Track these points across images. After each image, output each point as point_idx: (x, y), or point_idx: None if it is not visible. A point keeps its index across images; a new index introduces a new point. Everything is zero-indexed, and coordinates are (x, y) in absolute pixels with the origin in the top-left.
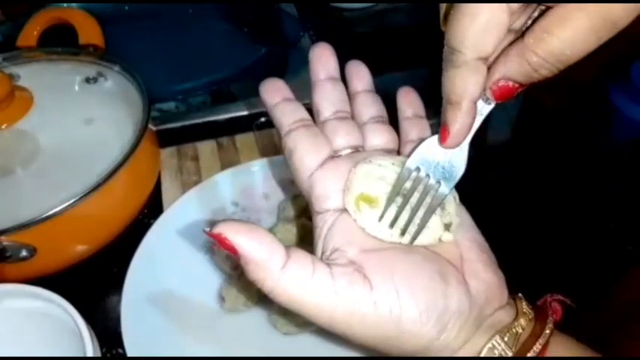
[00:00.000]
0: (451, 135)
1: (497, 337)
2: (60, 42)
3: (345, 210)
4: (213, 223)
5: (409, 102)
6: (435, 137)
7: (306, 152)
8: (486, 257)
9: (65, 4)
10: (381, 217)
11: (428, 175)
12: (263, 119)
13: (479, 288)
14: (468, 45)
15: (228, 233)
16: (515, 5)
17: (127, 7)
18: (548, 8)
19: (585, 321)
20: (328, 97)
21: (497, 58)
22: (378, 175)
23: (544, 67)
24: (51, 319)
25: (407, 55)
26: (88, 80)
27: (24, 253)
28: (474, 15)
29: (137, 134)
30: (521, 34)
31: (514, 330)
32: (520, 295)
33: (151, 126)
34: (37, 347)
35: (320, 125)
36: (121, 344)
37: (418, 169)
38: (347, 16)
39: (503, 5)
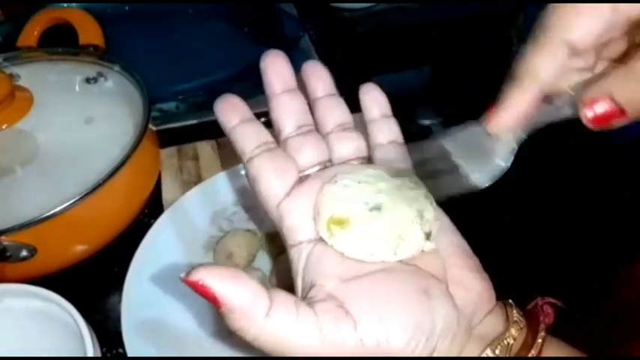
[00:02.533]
0: (498, 115)
1: (489, 350)
2: (60, 42)
3: (318, 240)
4: (190, 269)
5: (373, 100)
6: (479, 125)
7: (271, 180)
8: (470, 262)
9: (65, 4)
10: (356, 236)
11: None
12: (263, 119)
13: (465, 297)
14: (556, 23)
15: (208, 281)
16: (635, 14)
17: (127, 7)
18: None
19: (581, 322)
20: (287, 112)
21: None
22: (346, 195)
23: None
24: (51, 319)
25: (407, 55)
26: (88, 80)
27: (24, 253)
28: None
29: (137, 134)
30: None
31: (505, 342)
32: (510, 301)
33: (151, 126)
34: (37, 347)
35: (282, 143)
36: (121, 344)
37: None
38: (347, 16)
39: (624, 12)
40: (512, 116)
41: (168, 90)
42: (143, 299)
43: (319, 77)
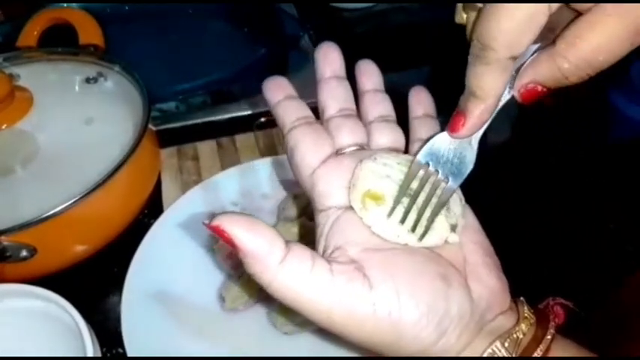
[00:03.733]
0: (466, 126)
1: (498, 343)
2: (60, 42)
3: (347, 208)
4: (213, 216)
5: (419, 101)
6: (445, 133)
7: (307, 149)
8: (490, 261)
9: (65, 4)
10: (390, 214)
11: (437, 171)
12: (263, 119)
13: (481, 293)
14: (502, 43)
15: (226, 226)
16: (554, 6)
17: (127, 7)
18: (579, 14)
19: (586, 322)
20: (333, 95)
21: (526, 61)
22: (384, 174)
23: (575, 74)
24: (51, 319)
25: (406, 55)
26: (88, 80)
27: (24, 253)
28: (511, 12)
29: (137, 134)
30: (552, 40)
31: (515, 335)
32: (522, 298)
33: (151, 126)
34: (38, 347)
35: (325, 123)
36: (121, 344)
37: (427, 164)
38: (347, 16)
39: (545, 5)
40: (477, 127)
41: (168, 90)
42: (143, 299)
43: (371, 74)
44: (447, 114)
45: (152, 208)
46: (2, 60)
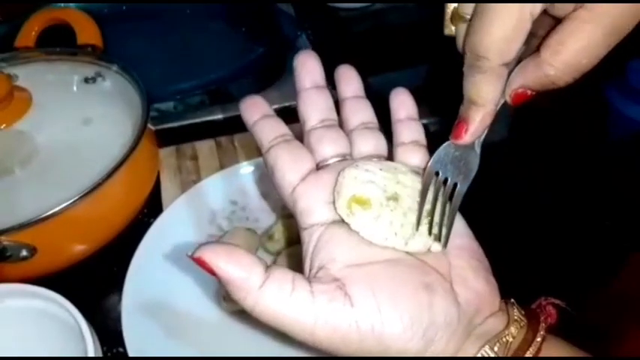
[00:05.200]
0: (469, 132)
1: (487, 347)
2: (58, 42)
3: (330, 224)
4: (196, 248)
5: (401, 103)
6: (449, 142)
7: (286, 167)
8: (477, 264)
9: (63, 4)
10: (377, 218)
11: (446, 178)
12: None
13: (468, 297)
14: (495, 52)
15: (207, 257)
16: (536, 12)
17: (124, 7)
18: (558, 21)
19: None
20: (314, 105)
21: (514, 69)
22: (367, 179)
23: (561, 78)
24: (52, 319)
25: (403, 54)
26: (86, 80)
27: (24, 253)
28: (500, 22)
29: (136, 134)
30: (535, 45)
31: (504, 339)
32: (512, 300)
33: (149, 125)
34: (38, 347)
35: (306, 134)
36: (121, 343)
37: (437, 174)
38: (344, 15)
39: (527, 12)
40: (480, 132)
41: (166, 90)
42: (143, 298)
43: (350, 80)
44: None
45: (151, 208)
46: (0, 60)
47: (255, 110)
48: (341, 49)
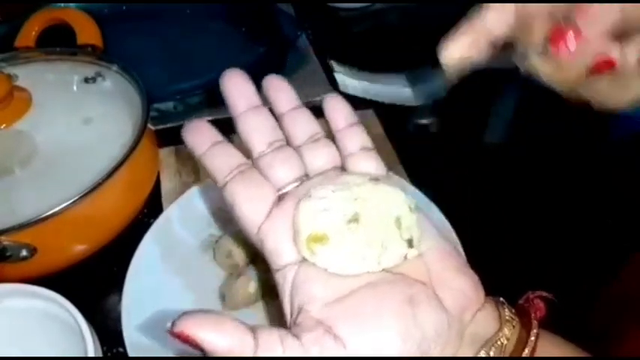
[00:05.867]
0: (447, 44)
1: (483, 352)
2: (58, 42)
3: (301, 261)
4: (173, 322)
5: (338, 110)
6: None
7: (247, 206)
8: (454, 262)
9: (63, 4)
10: (338, 249)
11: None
12: None
13: (453, 298)
14: None
15: (191, 330)
16: None
17: (124, 7)
18: None
19: (581, 317)
20: (255, 129)
21: None
22: (322, 208)
23: None
24: (52, 319)
25: (403, 55)
26: (86, 80)
27: (24, 253)
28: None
29: (136, 134)
30: None
31: (499, 342)
32: (502, 299)
33: (149, 125)
34: (38, 347)
35: (255, 162)
36: (121, 343)
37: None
38: (344, 15)
39: None
40: (459, 49)
41: (166, 90)
42: (143, 298)
43: (281, 91)
44: (444, 113)
45: (151, 208)
46: (0, 60)
47: (201, 138)
48: (341, 49)
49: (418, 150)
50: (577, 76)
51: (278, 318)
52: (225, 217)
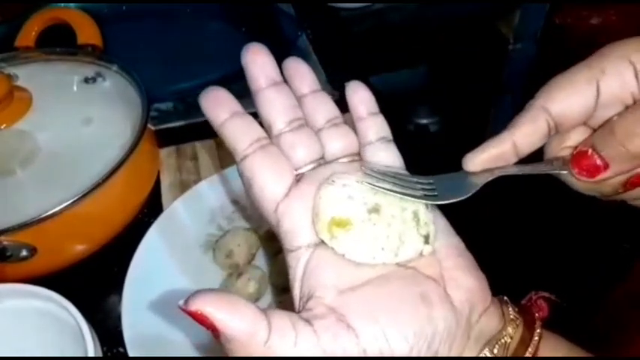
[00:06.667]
0: (474, 152)
1: (487, 351)
2: (58, 42)
3: (317, 245)
4: (187, 297)
5: (360, 100)
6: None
7: (266, 182)
8: (464, 261)
9: (63, 4)
10: (360, 236)
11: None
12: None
13: (462, 298)
14: (542, 94)
15: (207, 310)
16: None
17: (124, 7)
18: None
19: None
20: (276, 106)
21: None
22: (346, 195)
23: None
24: (52, 319)
25: (404, 54)
26: (86, 80)
27: (24, 253)
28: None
29: (136, 134)
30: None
31: (502, 340)
32: (506, 298)
33: (149, 126)
34: (38, 347)
35: (275, 140)
36: (121, 343)
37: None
38: (344, 15)
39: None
40: (486, 159)
41: (166, 90)
42: (143, 298)
43: (303, 74)
44: (444, 113)
45: (151, 208)
46: (0, 61)
47: (221, 107)
48: (341, 49)
49: (418, 150)
50: (613, 191)
51: None
52: (226, 217)
